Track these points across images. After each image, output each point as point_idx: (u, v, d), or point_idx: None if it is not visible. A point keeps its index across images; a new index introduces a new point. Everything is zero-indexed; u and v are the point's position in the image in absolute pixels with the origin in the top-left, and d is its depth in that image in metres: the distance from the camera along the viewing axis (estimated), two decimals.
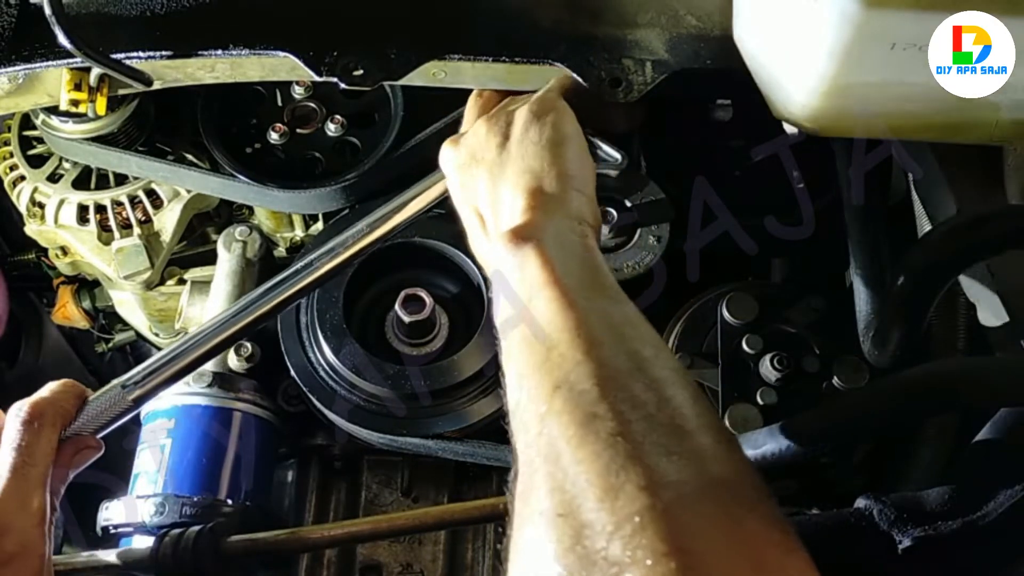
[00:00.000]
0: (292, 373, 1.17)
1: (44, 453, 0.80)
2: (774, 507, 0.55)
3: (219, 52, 1.02)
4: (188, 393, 1.15)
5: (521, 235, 0.74)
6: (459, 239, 0.99)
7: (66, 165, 1.34)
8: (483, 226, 0.84)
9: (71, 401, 0.86)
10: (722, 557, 0.50)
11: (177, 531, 1.00)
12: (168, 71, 1.05)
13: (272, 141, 1.31)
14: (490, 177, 0.83)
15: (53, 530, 0.80)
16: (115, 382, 0.90)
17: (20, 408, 0.82)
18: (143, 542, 1.06)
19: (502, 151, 0.84)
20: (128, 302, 1.47)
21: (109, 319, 1.62)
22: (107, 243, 1.33)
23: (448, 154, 0.90)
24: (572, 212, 0.79)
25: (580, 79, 0.98)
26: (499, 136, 0.85)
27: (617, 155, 1.16)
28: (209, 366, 1.12)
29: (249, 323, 0.95)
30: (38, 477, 0.79)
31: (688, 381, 0.63)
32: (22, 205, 1.36)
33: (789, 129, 0.95)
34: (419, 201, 0.97)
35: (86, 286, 1.56)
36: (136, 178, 1.32)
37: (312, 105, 1.33)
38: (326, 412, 1.16)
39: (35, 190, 1.34)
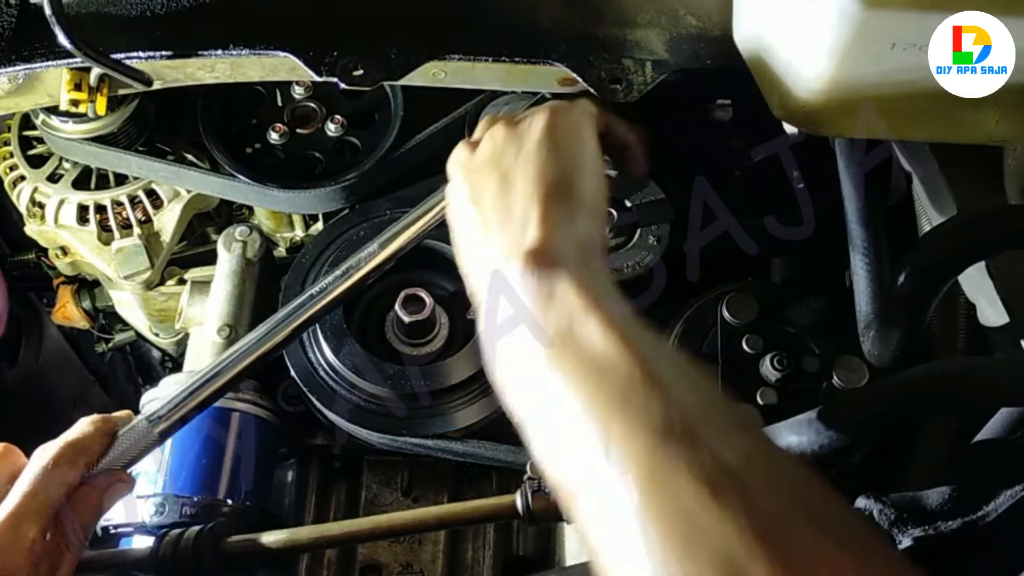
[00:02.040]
0: (292, 373, 1.17)
1: (54, 484, 0.84)
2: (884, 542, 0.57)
3: (219, 52, 1.02)
4: None
5: (545, 255, 0.69)
6: None
7: (66, 165, 1.34)
8: (485, 230, 0.79)
9: (97, 439, 0.89)
10: None
11: (177, 531, 1.00)
12: (168, 71, 1.05)
13: (272, 141, 1.31)
14: (503, 182, 0.79)
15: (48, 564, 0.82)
16: (141, 417, 0.92)
17: (46, 447, 0.87)
18: (143, 542, 1.06)
19: (518, 157, 0.81)
20: (128, 302, 1.47)
21: (109, 319, 1.62)
22: (107, 243, 1.33)
23: (461, 155, 0.86)
24: (583, 231, 0.75)
25: (600, 102, 0.95)
26: (517, 142, 0.82)
27: None
28: None
29: (268, 350, 0.96)
30: (39, 506, 0.82)
31: (748, 424, 0.62)
32: (22, 205, 1.36)
33: (789, 129, 0.95)
34: (428, 217, 0.98)
35: (86, 286, 1.56)
36: (136, 178, 1.32)
37: (312, 105, 1.33)
38: (326, 412, 1.16)
39: (35, 190, 1.34)
